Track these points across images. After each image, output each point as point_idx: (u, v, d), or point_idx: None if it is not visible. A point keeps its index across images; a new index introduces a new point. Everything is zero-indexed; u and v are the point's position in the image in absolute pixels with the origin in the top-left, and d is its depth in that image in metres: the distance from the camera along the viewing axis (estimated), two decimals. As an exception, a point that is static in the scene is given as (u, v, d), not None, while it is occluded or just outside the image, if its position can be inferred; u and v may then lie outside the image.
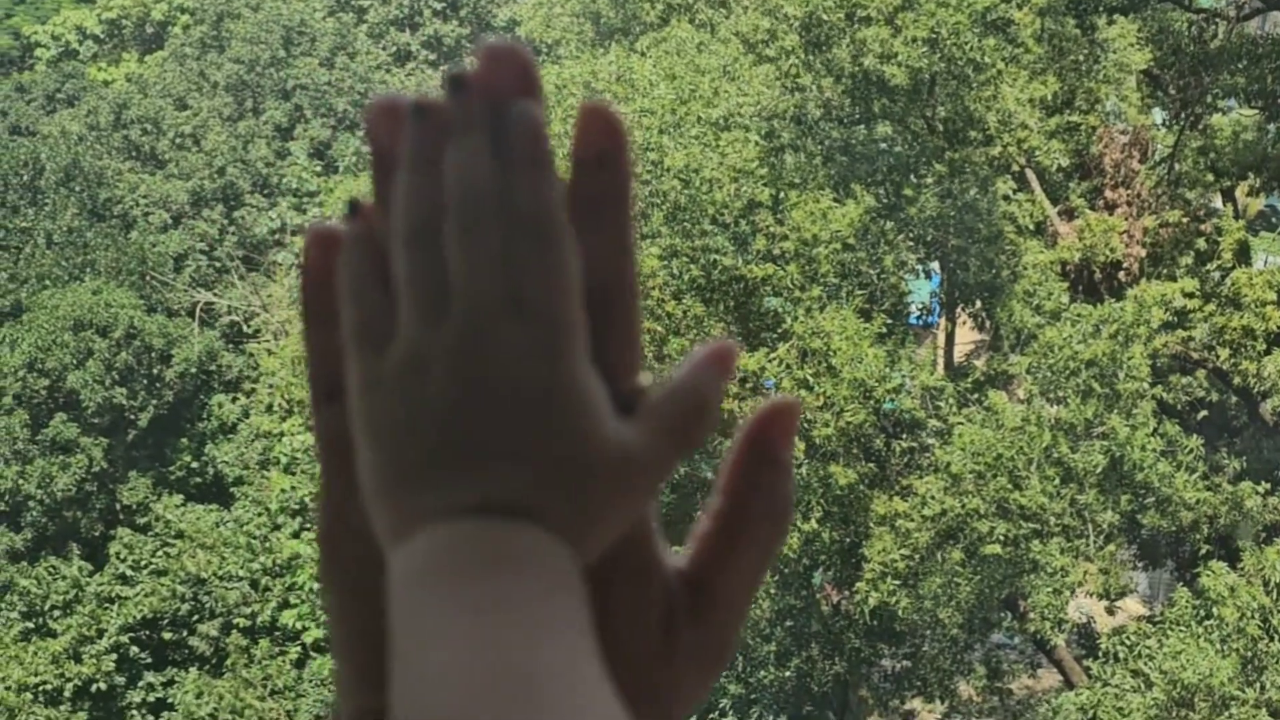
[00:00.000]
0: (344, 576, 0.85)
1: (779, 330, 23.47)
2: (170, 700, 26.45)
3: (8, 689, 25.55)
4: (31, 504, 28.41)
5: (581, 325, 0.82)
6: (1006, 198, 25.08)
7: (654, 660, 0.85)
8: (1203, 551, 23.78)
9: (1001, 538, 20.97)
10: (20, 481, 28.29)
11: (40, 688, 25.82)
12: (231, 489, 29.50)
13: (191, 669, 26.75)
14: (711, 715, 23.58)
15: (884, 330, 22.90)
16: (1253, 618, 20.45)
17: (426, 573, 0.77)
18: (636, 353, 0.88)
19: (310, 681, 26.03)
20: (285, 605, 27.02)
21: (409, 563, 0.78)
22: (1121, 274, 26.55)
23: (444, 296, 0.80)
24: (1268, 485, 23.46)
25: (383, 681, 0.77)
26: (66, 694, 25.96)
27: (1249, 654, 20.31)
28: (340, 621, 0.86)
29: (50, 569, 27.03)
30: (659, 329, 23.06)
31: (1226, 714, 19.95)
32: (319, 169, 38.24)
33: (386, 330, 0.82)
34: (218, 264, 34.94)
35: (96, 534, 28.95)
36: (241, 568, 27.09)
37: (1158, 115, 29.61)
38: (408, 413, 0.81)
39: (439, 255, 0.80)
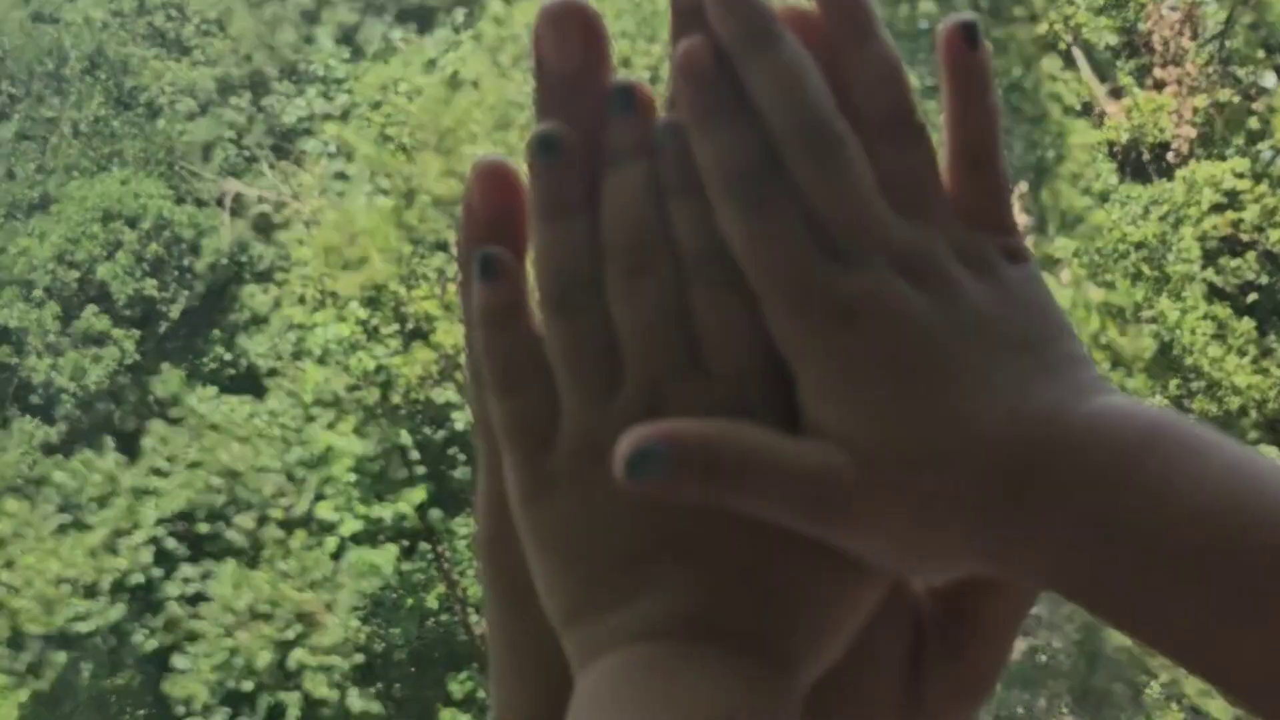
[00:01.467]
0: (507, 585, 0.72)
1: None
2: (207, 593, 26.46)
3: (46, 582, 25.66)
4: (64, 397, 28.40)
5: (770, 375, 0.67)
6: (1053, 77, 24.54)
7: (901, 706, 0.69)
8: (1253, 438, 23.46)
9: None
10: (53, 374, 28.26)
11: (77, 581, 25.88)
12: (264, 380, 29.33)
13: (228, 561, 26.72)
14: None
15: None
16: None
17: (605, 701, 0.64)
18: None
19: (348, 573, 25.98)
20: (320, 498, 26.92)
21: (592, 687, 0.66)
22: (1170, 155, 26.01)
23: (613, 366, 0.68)
24: (1319, 369, 23.14)
25: (538, 693, 0.70)
26: (104, 587, 26.02)
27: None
28: (500, 628, 0.73)
29: (85, 462, 27.02)
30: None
31: None
32: (346, 55, 37.76)
33: (549, 419, 0.69)
34: (246, 153, 34.58)
35: (130, 428, 28.88)
36: (276, 459, 26.99)
37: (1208, -10, 28.95)
38: (589, 520, 0.68)
39: (601, 316, 0.67)
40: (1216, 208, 23.46)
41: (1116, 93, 26.28)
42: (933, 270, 0.68)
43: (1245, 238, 25.00)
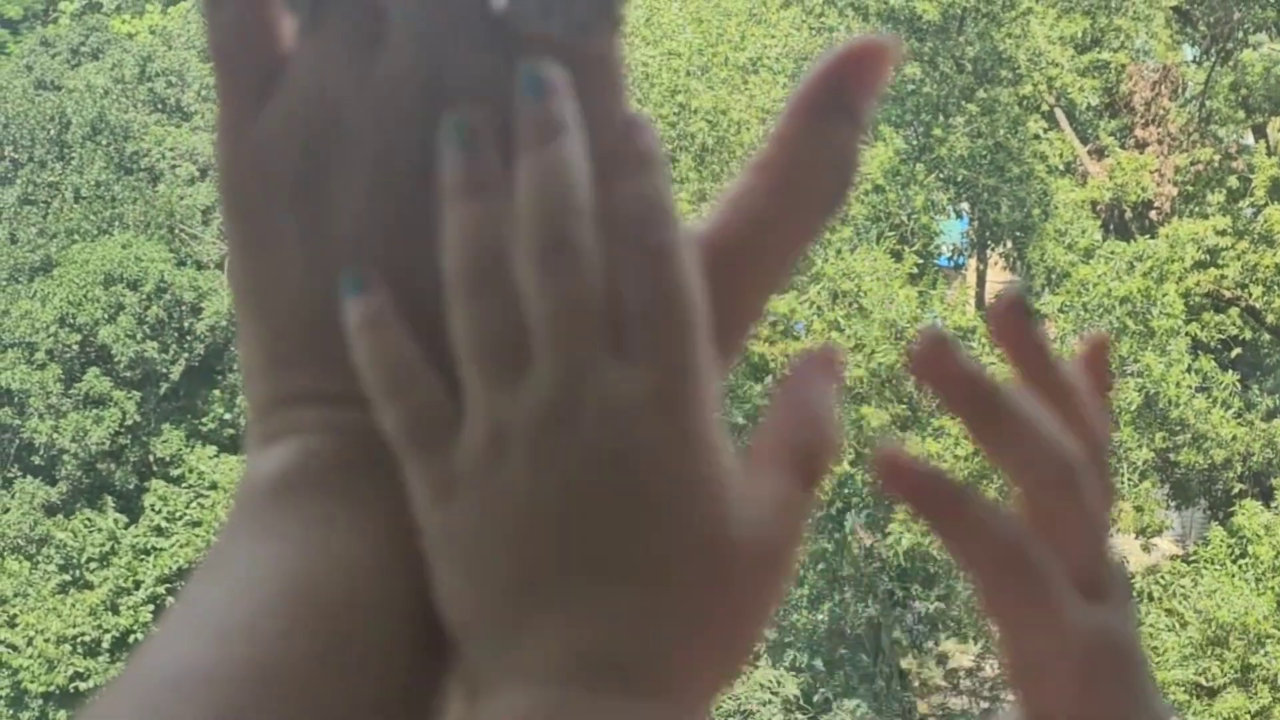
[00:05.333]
0: (250, 220, 0.64)
1: (809, 272, 23.41)
2: (207, 650, 26.61)
3: (47, 641, 25.77)
4: (66, 458, 28.55)
5: (710, 368, 0.63)
6: (1037, 136, 24.91)
7: None
8: (1236, 490, 23.70)
9: (1035, 477, 20.93)
10: (55, 435, 28.43)
11: (78, 639, 26.02)
12: (264, 440, 29.54)
13: (228, 619, 26.88)
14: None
15: (915, 271, 22.83)
16: (1288, 555, 20.41)
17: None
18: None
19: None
20: (319, 554, 27.14)
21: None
22: (1153, 213, 26.36)
23: (524, 350, 0.61)
24: (1302, 423, 23.38)
25: (299, 359, 0.63)
26: (105, 645, 26.17)
27: (1285, 591, 20.28)
28: (245, 280, 0.65)
29: (86, 522, 27.21)
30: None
31: (1262, 652, 19.92)
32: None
33: (448, 418, 0.62)
34: (245, 216, 34.88)
35: (131, 486, 29.08)
36: (275, 518, 27.20)
37: (1187, 52, 29.33)
38: (493, 530, 0.61)
39: (513, 299, 0.61)
40: (1199, 264, 23.76)
41: (1099, 152, 26.64)
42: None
43: (1228, 293, 25.34)
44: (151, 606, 26.51)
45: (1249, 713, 19.76)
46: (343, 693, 0.56)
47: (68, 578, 27.05)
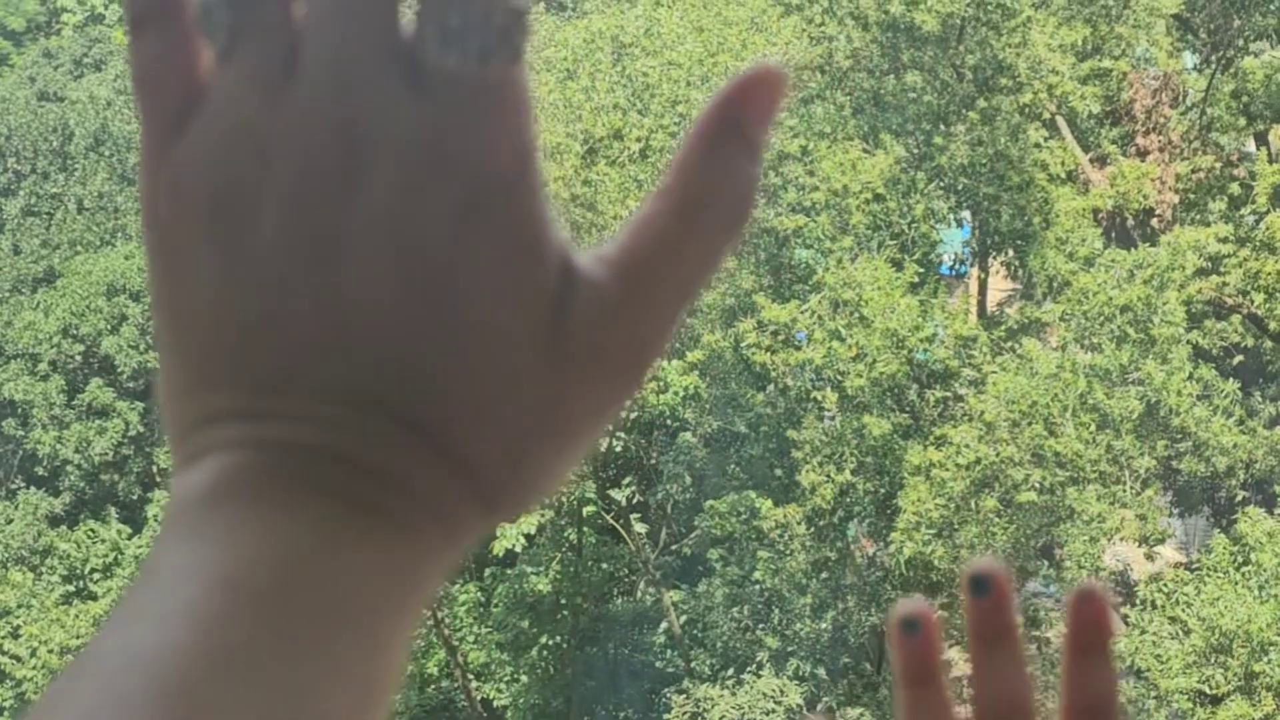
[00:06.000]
0: (167, 244, 0.65)
1: (810, 281, 23.41)
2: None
3: (50, 652, 25.78)
4: (69, 468, 28.60)
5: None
6: (1038, 145, 24.92)
7: (537, 358, 0.63)
8: (1239, 498, 23.70)
9: (1037, 485, 20.93)
10: (58, 446, 28.48)
11: (82, 650, 26.04)
12: (267, 450, 29.60)
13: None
14: (749, 668, 23.65)
15: (916, 280, 22.84)
16: (1291, 562, 20.40)
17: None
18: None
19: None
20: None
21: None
22: (1154, 221, 26.38)
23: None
24: (1304, 430, 23.38)
25: (217, 379, 0.63)
26: (108, 656, 26.16)
27: (1287, 598, 20.26)
28: (163, 303, 0.65)
29: (89, 532, 27.24)
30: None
31: (1265, 659, 19.92)
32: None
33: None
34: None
35: (134, 497, 29.14)
36: (278, 528, 27.22)
37: (1188, 59, 29.35)
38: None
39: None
40: (1201, 272, 23.76)
41: (1101, 160, 26.65)
42: None
43: (1229, 301, 25.34)
44: (155, 617, 26.51)
45: (1252, 720, 19.77)
46: (280, 675, 0.57)
47: (71, 588, 27.07)
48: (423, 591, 0.63)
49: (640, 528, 26.45)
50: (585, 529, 25.91)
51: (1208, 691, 20.30)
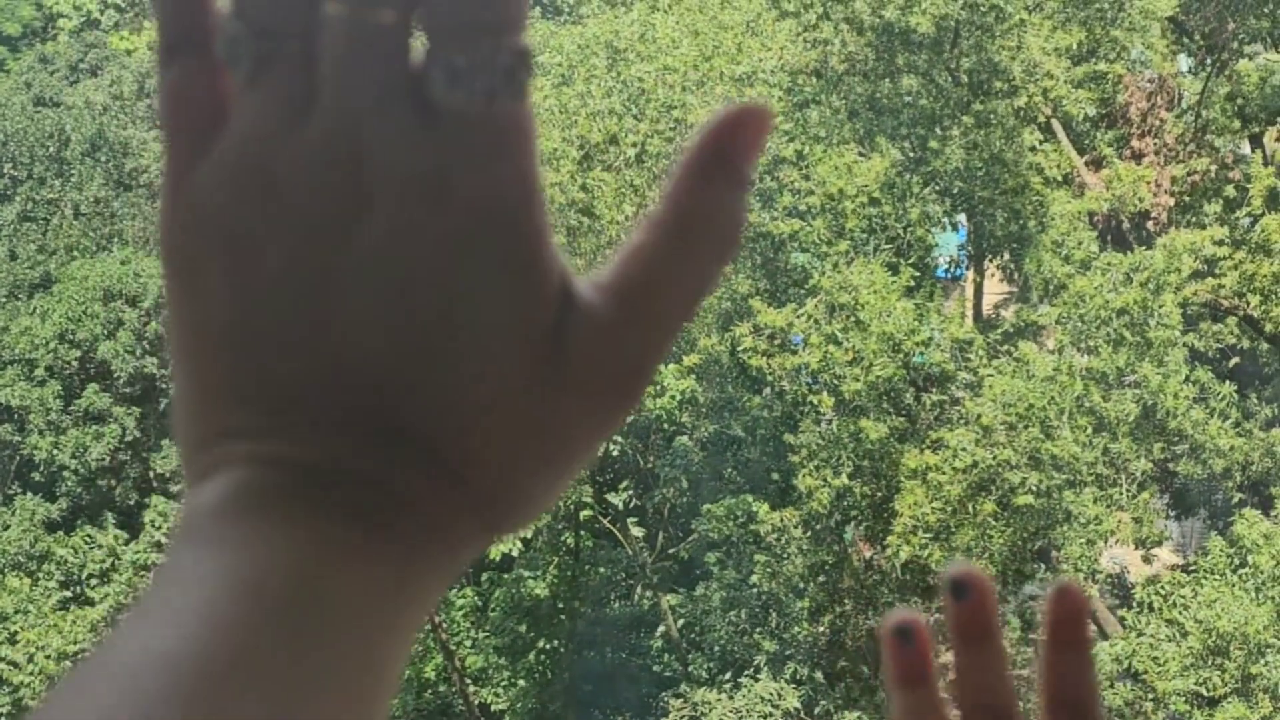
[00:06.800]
0: (183, 266, 0.68)
1: (806, 286, 23.43)
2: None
3: (47, 658, 25.75)
4: (66, 474, 28.55)
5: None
6: (1033, 148, 24.96)
7: (536, 381, 0.66)
8: (1235, 500, 23.72)
9: (1033, 488, 20.94)
10: (55, 452, 28.44)
11: (80, 656, 25.97)
12: (263, 455, 29.55)
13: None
14: (746, 671, 23.65)
15: (912, 284, 22.85)
16: (1287, 564, 20.41)
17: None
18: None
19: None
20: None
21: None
22: (1150, 223, 26.42)
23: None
24: (1300, 432, 23.41)
25: (228, 397, 0.66)
26: (106, 661, 26.12)
27: (1284, 601, 20.28)
28: (178, 323, 0.68)
29: (86, 538, 27.19)
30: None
31: (1262, 662, 19.93)
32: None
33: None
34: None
35: (131, 502, 29.09)
36: (275, 533, 27.17)
37: (1183, 62, 29.39)
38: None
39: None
40: (1196, 274, 23.79)
41: (1096, 163, 26.68)
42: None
43: (1225, 303, 25.38)
44: (152, 622, 26.47)
45: (1249, 722, 19.78)
46: (289, 677, 0.59)
47: (68, 594, 27.02)
48: (422, 604, 0.66)
49: (637, 532, 26.44)
50: (582, 533, 25.92)
51: (1205, 694, 20.31)
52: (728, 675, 23.79)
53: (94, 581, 26.88)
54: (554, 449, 0.68)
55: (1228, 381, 23.59)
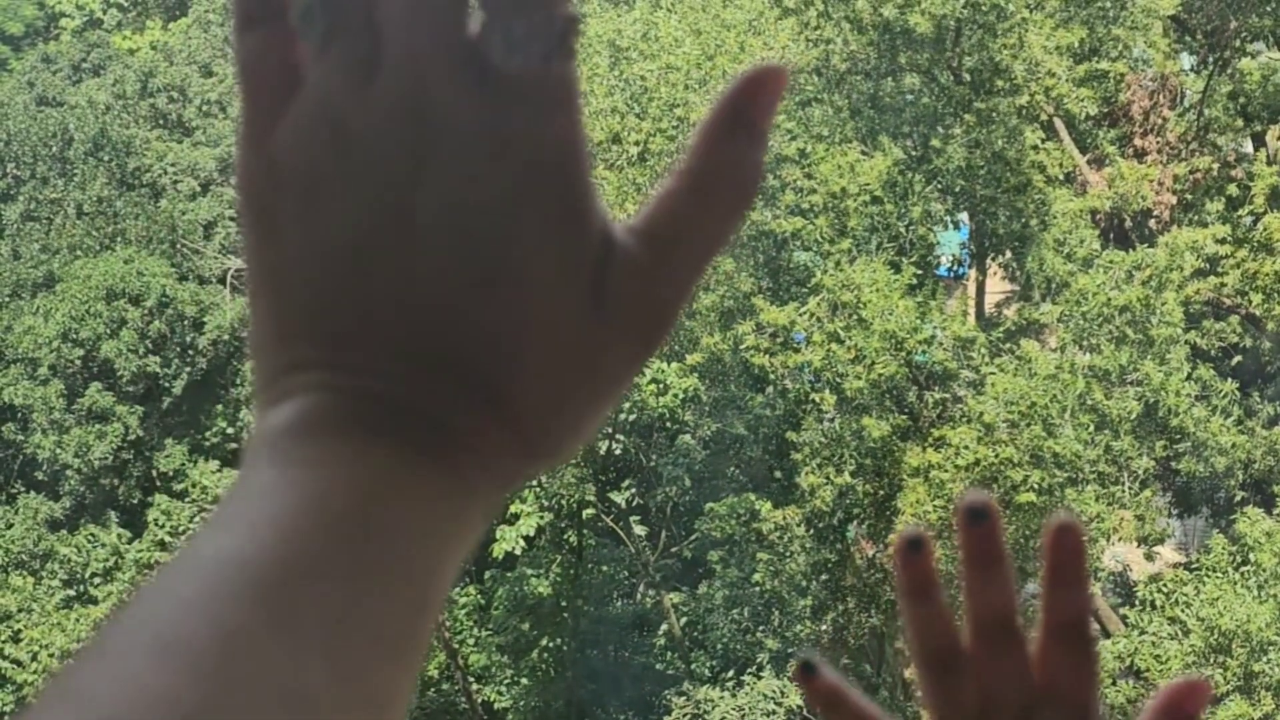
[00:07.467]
0: (262, 218, 0.74)
1: (809, 284, 23.44)
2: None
3: (51, 656, 25.75)
4: (69, 473, 28.57)
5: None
6: (1035, 147, 24.96)
7: (582, 317, 0.73)
8: (1238, 498, 23.73)
9: (1036, 486, 20.96)
10: (58, 451, 28.45)
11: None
12: (266, 454, 29.54)
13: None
14: (749, 670, 23.67)
15: (914, 282, 22.86)
16: (1290, 562, 20.42)
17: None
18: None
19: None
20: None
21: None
22: (1152, 222, 26.43)
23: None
24: (1302, 430, 23.41)
25: (302, 333, 0.72)
26: (109, 660, 26.12)
27: (1286, 598, 20.28)
28: (257, 267, 0.75)
29: (90, 537, 27.21)
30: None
31: (1265, 659, 19.94)
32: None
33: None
34: (247, 230, 34.92)
35: (134, 501, 29.12)
36: (278, 532, 27.17)
37: (1185, 61, 29.39)
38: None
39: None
40: (1199, 272, 23.80)
41: (1098, 162, 26.69)
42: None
43: (1228, 301, 25.39)
44: (155, 621, 26.48)
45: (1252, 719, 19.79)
46: (350, 584, 0.66)
47: (72, 593, 27.03)
48: (468, 530, 0.73)
49: (640, 530, 26.46)
50: (585, 531, 25.93)
51: (1207, 691, 20.30)
52: (730, 673, 23.82)
53: (97, 580, 26.88)
54: (594, 380, 0.75)
55: (1229, 379, 23.60)
